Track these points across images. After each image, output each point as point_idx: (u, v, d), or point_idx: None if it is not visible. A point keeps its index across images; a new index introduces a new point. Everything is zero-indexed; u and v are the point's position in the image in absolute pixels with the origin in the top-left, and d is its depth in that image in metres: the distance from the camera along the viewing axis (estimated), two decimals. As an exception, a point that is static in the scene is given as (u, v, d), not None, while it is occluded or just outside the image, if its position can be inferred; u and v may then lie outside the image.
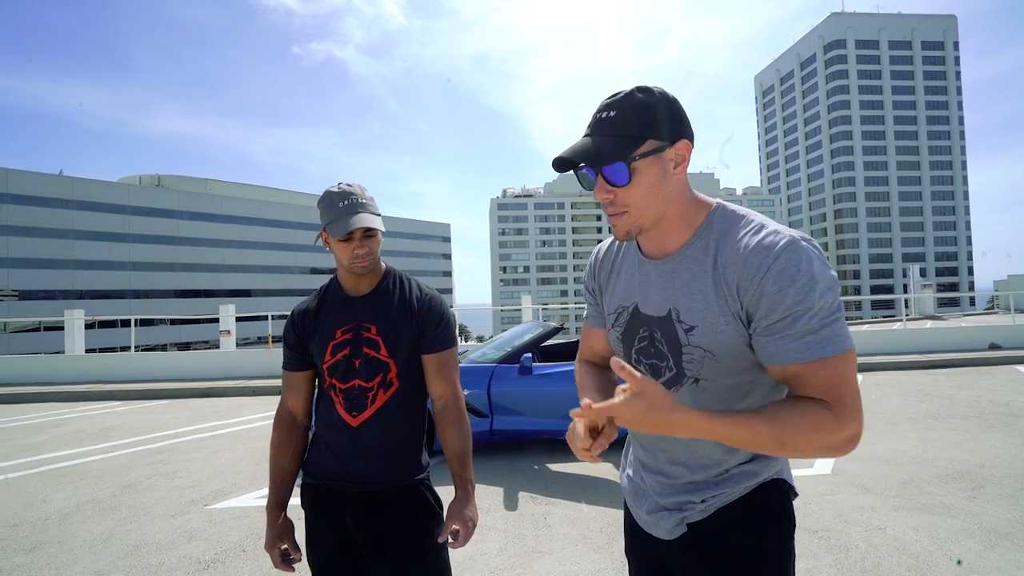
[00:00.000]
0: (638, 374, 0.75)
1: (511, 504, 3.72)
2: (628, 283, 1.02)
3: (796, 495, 1.01)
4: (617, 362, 0.74)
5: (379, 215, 1.38)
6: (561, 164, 0.90)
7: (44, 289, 49.15)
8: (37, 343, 39.13)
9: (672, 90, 0.91)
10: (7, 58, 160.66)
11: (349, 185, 1.36)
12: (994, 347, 10.85)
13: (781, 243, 0.82)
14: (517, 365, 4.85)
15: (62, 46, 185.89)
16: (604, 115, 0.87)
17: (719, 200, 0.95)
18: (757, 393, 0.93)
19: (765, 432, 0.77)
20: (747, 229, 0.87)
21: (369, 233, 1.35)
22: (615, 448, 5.70)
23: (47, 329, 42.32)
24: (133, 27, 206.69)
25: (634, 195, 0.87)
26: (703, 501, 0.97)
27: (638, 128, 0.86)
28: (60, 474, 4.70)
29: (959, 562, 2.68)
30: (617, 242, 1.09)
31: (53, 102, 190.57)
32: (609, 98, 0.88)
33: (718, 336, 0.87)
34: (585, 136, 0.89)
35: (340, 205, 1.32)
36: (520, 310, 12.63)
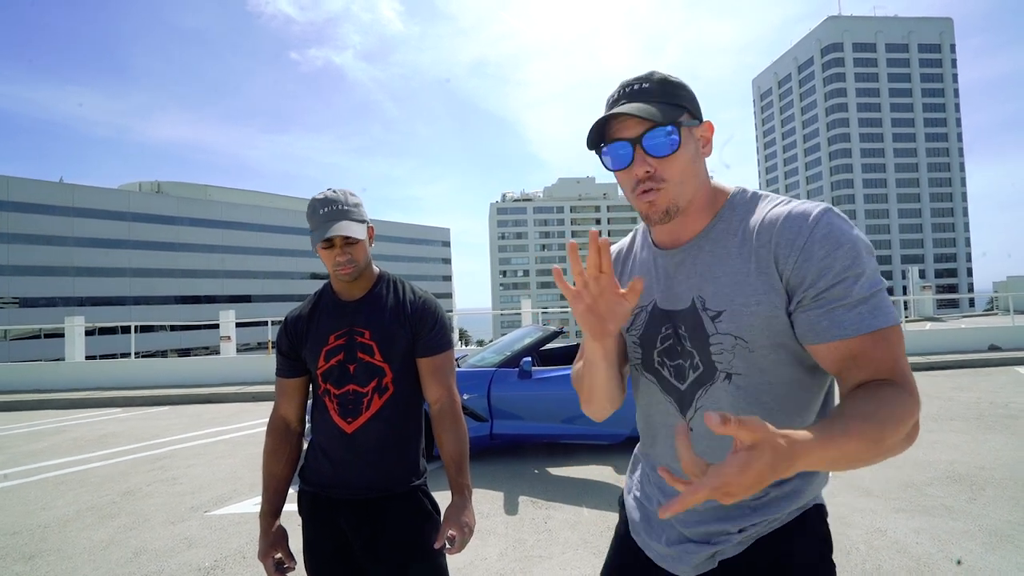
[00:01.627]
0: (746, 420, 0.55)
1: (511, 508, 3.71)
2: (646, 279, 0.93)
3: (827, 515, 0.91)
4: (684, 429, 0.59)
5: (364, 222, 1.37)
6: (597, 136, 0.84)
7: (44, 296, 49.14)
8: (37, 350, 39.01)
9: None
10: (7, 64, 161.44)
11: (333, 192, 1.35)
12: (994, 348, 10.85)
13: (818, 209, 0.77)
14: (517, 369, 4.85)
15: (63, 52, 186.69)
16: (638, 87, 0.82)
17: (740, 185, 0.90)
18: (799, 395, 0.83)
19: (869, 434, 0.65)
20: (774, 203, 0.83)
21: (350, 240, 1.33)
22: (615, 451, 5.56)
23: (47, 336, 42.21)
24: (134, 34, 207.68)
25: (675, 168, 0.81)
26: (740, 531, 0.85)
27: (677, 97, 0.83)
28: (60, 481, 4.69)
29: (959, 562, 2.67)
30: (628, 243, 1.03)
31: (53, 108, 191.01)
32: (632, 77, 0.85)
33: (749, 318, 0.79)
34: (623, 108, 0.80)
35: (321, 212, 1.32)
36: (520, 314, 12.64)
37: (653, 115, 0.79)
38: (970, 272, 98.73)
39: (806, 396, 0.84)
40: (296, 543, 1.40)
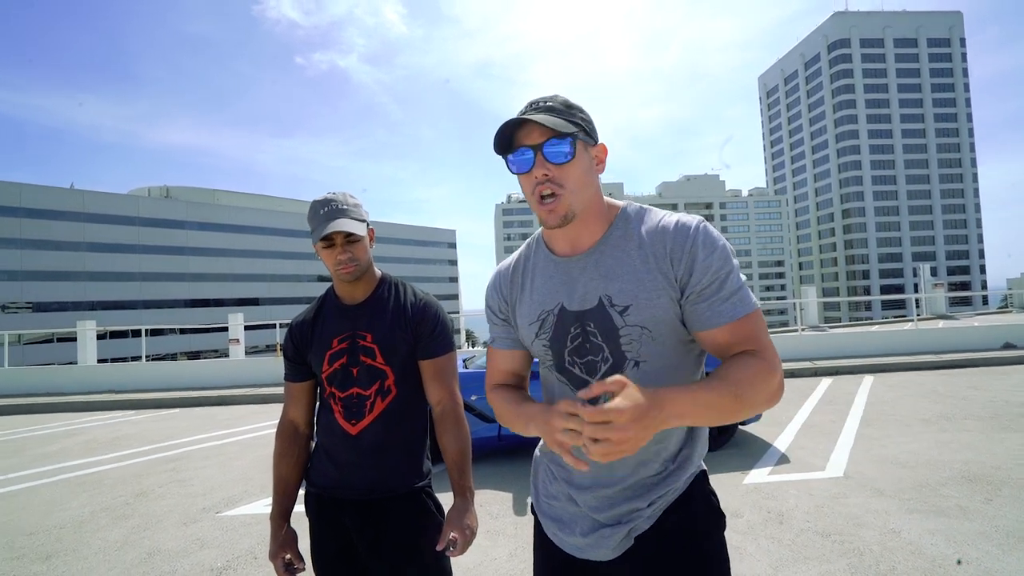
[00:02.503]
0: (608, 380, 0.74)
1: (520, 509, 3.71)
2: (546, 286, 1.01)
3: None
4: (585, 394, 0.73)
5: (363, 221, 1.38)
6: (505, 142, 0.93)
7: (57, 300, 49.74)
8: (51, 354, 39.54)
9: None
10: (18, 72, 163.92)
11: (332, 193, 1.37)
12: (1008, 346, 10.70)
13: (695, 221, 0.95)
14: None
15: (71, 60, 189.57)
16: (543, 104, 0.93)
17: (626, 203, 1.03)
18: (687, 374, 0.99)
19: (727, 392, 0.81)
20: (661, 215, 0.99)
21: (351, 239, 1.34)
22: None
23: (60, 340, 42.75)
24: (140, 41, 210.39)
25: (571, 175, 0.92)
26: (650, 505, 0.96)
27: (574, 117, 0.94)
28: (75, 483, 4.75)
29: (959, 562, 2.64)
30: (520, 257, 1.09)
31: (63, 115, 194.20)
32: (539, 97, 0.96)
33: (652, 310, 0.92)
34: (529, 116, 0.91)
35: (320, 212, 1.34)
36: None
37: (555, 124, 0.89)
38: (983, 269, 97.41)
39: (692, 375, 1.00)
40: (305, 544, 1.42)
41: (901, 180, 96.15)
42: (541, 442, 1.14)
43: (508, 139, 0.93)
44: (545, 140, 0.91)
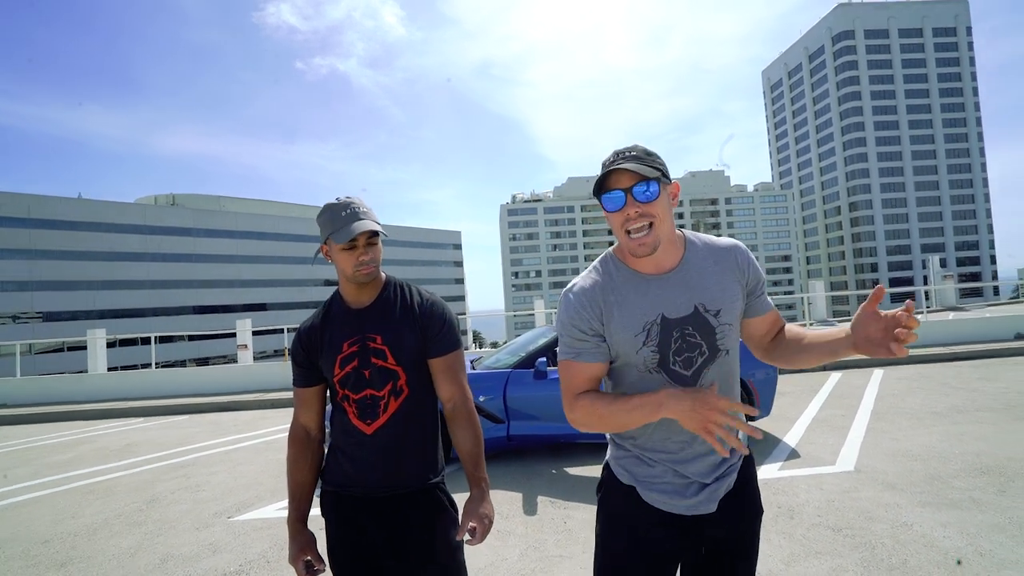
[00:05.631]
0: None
1: (530, 509, 3.71)
2: (643, 301, 1.20)
3: None
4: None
5: (379, 224, 1.41)
6: (599, 187, 1.16)
7: (67, 310, 50.28)
8: (61, 363, 39.90)
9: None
10: (25, 85, 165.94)
11: (349, 197, 1.39)
12: (1020, 337, 10.57)
13: (741, 243, 1.30)
14: (532, 370, 4.85)
15: (76, 71, 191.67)
16: (629, 153, 1.15)
17: (681, 230, 1.30)
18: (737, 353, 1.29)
19: (842, 330, 1.16)
20: (711, 238, 1.30)
21: (371, 241, 1.37)
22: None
23: (70, 349, 43.20)
24: (144, 50, 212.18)
25: (658, 209, 1.14)
26: (732, 454, 1.23)
27: (655, 162, 1.16)
28: (87, 490, 4.80)
29: (959, 562, 2.61)
30: (599, 280, 1.24)
31: (69, 126, 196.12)
32: (623, 147, 1.18)
33: (735, 311, 1.23)
34: (621, 165, 1.12)
35: (343, 214, 1.35)
36: (533, 315, 12.63)
37: (642, 170, 1.11)
38: (993, 259, 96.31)
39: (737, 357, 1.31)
40: (322, 545, 1.43)
41: (908, 172, 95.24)
42: (610, 451, 1.31)
43: (601, 183, 1.15)
44: (634, 184, 1.12)
